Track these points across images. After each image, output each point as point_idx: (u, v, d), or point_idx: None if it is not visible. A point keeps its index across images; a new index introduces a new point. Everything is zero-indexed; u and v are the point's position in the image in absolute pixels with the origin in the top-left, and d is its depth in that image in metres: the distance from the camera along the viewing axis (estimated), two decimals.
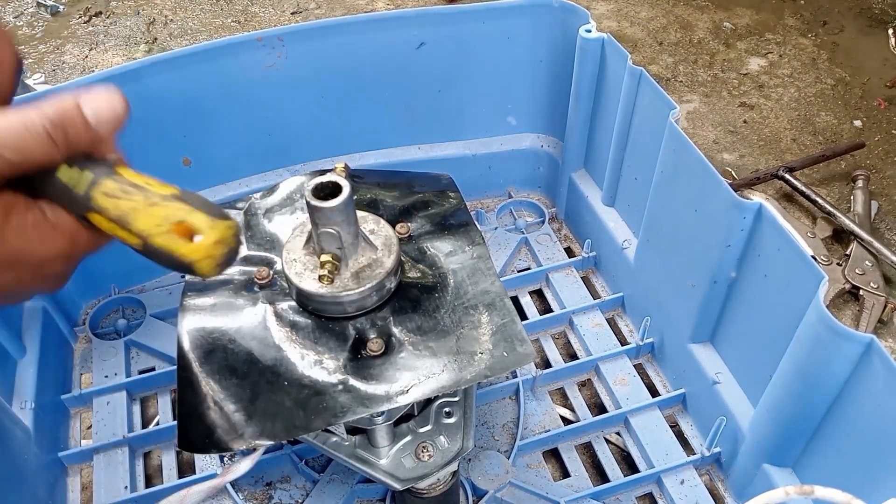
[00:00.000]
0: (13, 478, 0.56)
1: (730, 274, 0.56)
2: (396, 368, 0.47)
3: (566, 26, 0.71)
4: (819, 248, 0.83)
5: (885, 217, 0.90)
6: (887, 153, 0.99)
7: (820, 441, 0.51)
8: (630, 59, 0.63)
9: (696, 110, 1.05)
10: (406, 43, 0.73)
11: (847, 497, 0.35)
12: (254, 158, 0.77)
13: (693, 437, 0.65)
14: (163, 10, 1.29)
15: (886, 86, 1.09)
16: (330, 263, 0.47)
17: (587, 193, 0.77)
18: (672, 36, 1.19)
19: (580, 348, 0.72)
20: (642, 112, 0.64)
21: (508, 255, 0.79)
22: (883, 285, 0.79)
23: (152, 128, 0.69)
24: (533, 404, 0.67)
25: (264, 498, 0.61)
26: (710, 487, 0.62)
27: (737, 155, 0.99)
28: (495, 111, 0.80)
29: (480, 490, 0.59)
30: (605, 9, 1.26)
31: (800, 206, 0.91)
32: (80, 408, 0.68)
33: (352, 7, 1.28)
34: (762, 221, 0.52)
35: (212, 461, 0.63)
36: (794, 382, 0.49)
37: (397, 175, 0.64)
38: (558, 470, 0.64)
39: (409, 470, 0.51)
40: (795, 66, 1.13)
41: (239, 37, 0.69)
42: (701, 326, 0.62)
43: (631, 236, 0.72)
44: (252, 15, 1.27)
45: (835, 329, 0.44)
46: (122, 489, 0.61)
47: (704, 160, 0.56)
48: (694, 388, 0.65)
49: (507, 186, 0.86)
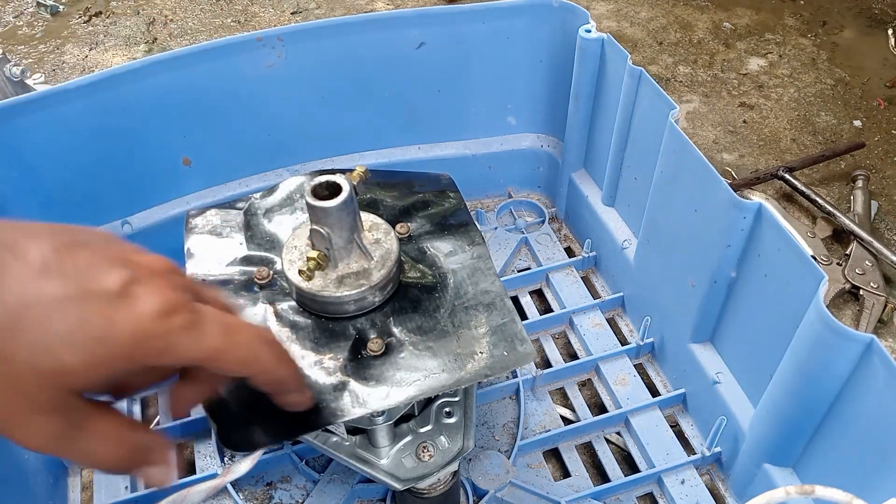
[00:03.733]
0: (13, 478, 0.56)
1: (730, 274, 0.56)
2: (397, 368, 0.47)
3: (566, 26, 0.71)
4: (819, 248, 0.83)
5: (885, 217, 0.90)
6: (887, 153, 0.99)
7: (820, 441, 0.51)
8: (630, 59, 0.63)
9: (696, 110, 1.05)
10: (406, 43, 0.73)
11: (848, 497, 0.35)
12: (254, 158, 0.77)
13: (693, 437, 0.65)
14: (163, 10, 1.28)
15: (886, 86, 1.09)
16: (313, 261, 0.46)
17: (587, 193, 0.77)
18: (672, 36, 1.19)
19: (580, 348, 0.72)
20: (642, 112, 0.64)
21: (508, 255, 0.79)
22: (883, 285, 0.79)
23: (152, 128, 0.69)
24: (533, 404, 0.67)
25: (264, 498, 0.61)
26: (711, 487, 0.62)
27: (737, 155, 0.99)
28: (495, 111, 0.80)
29: (481, 490, 0.59)
30: (605, 9, 1.26)
31: (800, 206, 0.91)
32: None
33: (352, 7, 1.28)
34: (762, 221, 0.52)
35: (212, 461, 0.63)
36: (794, 382, 0.49)
37: (397, 175, 0.64)
38: (559, 470, 0.64)
39: (409, 470, 0.51)
40: (795, 66, 1.13)
41: (239, 37, 0.69)
42: (701, 326, 0.62)
43: (631, 236, 0.72)
44: (252, 15, 1.27)
45: (835, 329, 0.44)
46: (122, 489, 0.61)
47: (704, 160, 0.56)
48: (694, 388, 0.65)
49: (507, 186, 0.86)
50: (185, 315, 0.30)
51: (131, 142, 0.69)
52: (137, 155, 0.70)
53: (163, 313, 0.30)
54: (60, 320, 0.28)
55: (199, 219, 0.59)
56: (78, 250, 0.30)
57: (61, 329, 0.28)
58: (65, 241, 0.30)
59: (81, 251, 0.30)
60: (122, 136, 0.69)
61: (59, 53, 1.19)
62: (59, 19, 1.27)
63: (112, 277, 0.29)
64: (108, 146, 0.68)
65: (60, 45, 1.20)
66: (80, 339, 0.28)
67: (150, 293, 0.30)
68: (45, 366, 0.28)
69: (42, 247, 0.29)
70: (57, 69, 1.15)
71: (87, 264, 0.30)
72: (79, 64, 1.16)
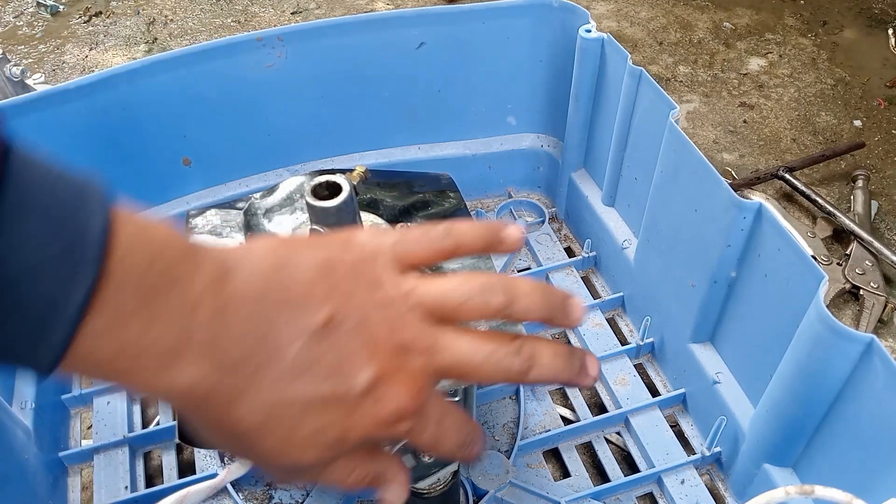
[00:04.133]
0: (14, 477, 0.56)
1: (730, 274, 0.56)
2: None
3: (566, 26, 0.71)
4: (819, 248, 0.83)
5: (885, 217, 0.90)
6: (887, 153, 0.99)
7: (820, 441, 0.51)
8: (630, 59, 0.63)
9: (696, 110, 1.05)
10: (406, 43, 0.73)
11: (848, 497, 0.35)
12: (254, 158, 0.77)
13: (693, 437, 0.65)
14: (163, 10, 1.28)
15: (886, 86, 1.09)
16: None
17: (587, 193, 0.77)
18: (672, 36, 1.19)
19: (580, 348, 0.72)
20: (642, 112, 0.64)
21: (508, 255, 0.79)
22: (883, 285, 0.79)
23: (152, 128, 0.69)
24: (533, 404, 0.67)
25: (264, 498, 0.61)
26: (711, 487, 0.62)
27: (737, 155, 0.99)
28: (495, 111, 0.80)
29: (481, 490, 0.59)
30: (605, 9, 1.26)
31: (800, 206, 0.91)
32: (81, 408, 0.68)
33: (352, 7, 1.28)
34: (762, 221, 0.52)
35: (212, 461, 0.63)
36: (794, 382, 0.49)
37: (397, 175, 0.64)
38: (559, 470, 0.64)
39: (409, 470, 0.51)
40: (795, 66, 1.13)
41: (239, 37, 0.69)
42: (701, 326, 0.62)
43: (631, 236, 0.72)
44: (252, 15, 1.27)
45: (835, 329, 0.44)
46: (122, 489, 0.61)
47: (704, 160, 0.56)
48: (694, 388, 0.65)
49: (507, 186, 0.86)
50: (412, 421, 0.31)
51: (131, 142, 0.69)
52: (137, 155, 0.70)
53: (395, 420, 0.30)
54: (305, 425, 0.29)
55: (199, 219, 0.59)
56: (331, 338, 0.29)
57: (304, 433, 0.29)
58: (318, 324, 0.29)
59: (334, 339, 0.29)
60: (121, 136, 0.69)
61: (59, 53, 1.19)
62: (59, 19, 1.27)
63: (359, 379, 0.29)
64: (107, 146, 0.68)
65: (60, 45, 1.20)
66: (317, 444, 0.29)
67: (391, 397, 0.30)
68: (284, 461, 0.30)
69: (296, 336, 0.28)
70: (57, 69, 1.15)
71: (338, 358, 0.29)
72: (79, 64, 1.16)
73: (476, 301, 0.31)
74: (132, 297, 0.26)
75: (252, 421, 0.28)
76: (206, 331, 0.27)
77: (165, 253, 0.27)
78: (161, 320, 0.26)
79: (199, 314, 0.27)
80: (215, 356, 0.27)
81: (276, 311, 0.29)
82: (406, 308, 0.31)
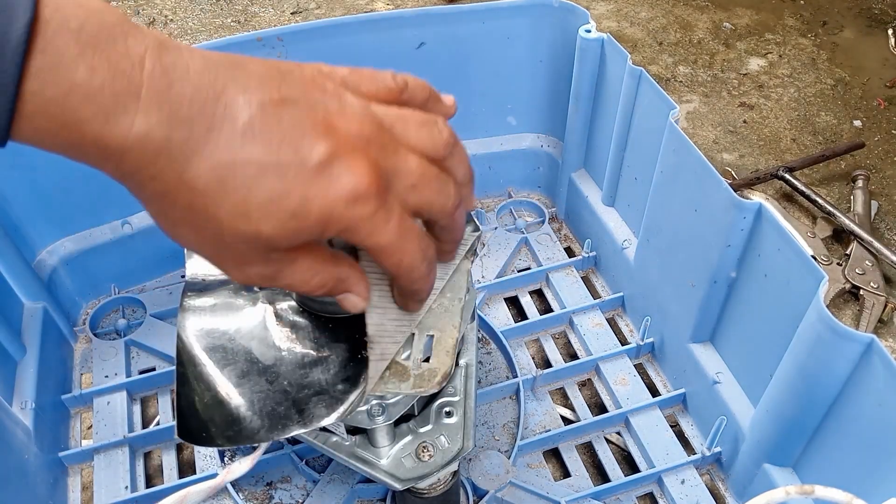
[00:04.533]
0: (14, 477, 0.56)
1: (730, 274, 0.56)
2: None
3: (566, 26, 0.71)
4: (819, 248, 0.83)
5: (885, 217, 0.90)
6: (887, 153, 0.99)
7: (820, 441, 0.51)
8: (630, 60, 0.63)
9: (696, 110, 1.05)
10: (406, 43, 0.73)
11: (848, 496, 0.35)
12: None
13: (693, 437, 0.65)
14: (163, 10, 1.29)
15: (886, 86, 1.09)
16: None
17: (587, 193, 0.77)
18: (672, 36, 1.19)
19: (580, 348, 0.72)
20: (642, 112, 0.64)
21: (508, 255, 0.79)
22: (883, 285, 0.79)
23: None
24: (533, 404, 0.67)
25: (264, 498, 0.61)
26: (711, 487, 0.62)
27: (737, 155, 0.99)
28: (495, 111, 0.80)
29: (481, 490, 0.59)
30: (605, 9, 1.26)
31: (800, 206, 0.91)
32: (81, 408, 0.68)
33: (352, 7, 1.28)
34: (762, 221, 0.52)
35: (212, 461, 0.63)
36: (794, 382, 0.49)
37: None
38: (559, 470, 0.64)
39: (409, 470, 0.51)
40: (795, 66, 1.13)
41: (239, 37, 0.69)
42: (701, 326, 0.62)
43: (631, 236, 0.72)
44: (252, 15, 1.27)
45: (835, 329, 0.44)
46: (122, 489, 0.61)
47: (704, 160, 0.56)
48: (694, 388, 0.65)
49: (507, 186, 0.86)
50: (372, 205, 0.31)
51: None
52: None
53: (353, 199, 0.30)
54: (260, 189, 0.29)
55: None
56: (285, 111, 0.30)
57: (260, 198, 0.29)
58: (273, 98, 0.30)
59: (288, 112, 0.30)
60: None
61: None
62: None
63: (314, 152, 0.30)
64: None
65: None
66: (276, 211, 0.29)
67: (346, 173, 0.30)
68: (243, 231, 0.30)
69: (250, 102, 0.29)
70: None
71: (291, 129, 0.30)
72: None
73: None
74: (73, 44, 0.26)
75: (208, 179, 0.28)
76: (156, 84, 0.27)
77: (104, 14, 0.27)
78: (106, 68, 0.26)
79: (147, 69, 0.27)
80: (166, 108, 0.27)
81: (229, 77, 0.29)
82: (359, 106, 0.33)
